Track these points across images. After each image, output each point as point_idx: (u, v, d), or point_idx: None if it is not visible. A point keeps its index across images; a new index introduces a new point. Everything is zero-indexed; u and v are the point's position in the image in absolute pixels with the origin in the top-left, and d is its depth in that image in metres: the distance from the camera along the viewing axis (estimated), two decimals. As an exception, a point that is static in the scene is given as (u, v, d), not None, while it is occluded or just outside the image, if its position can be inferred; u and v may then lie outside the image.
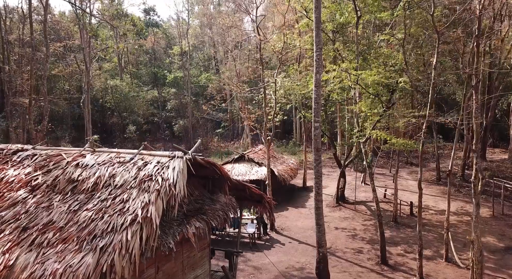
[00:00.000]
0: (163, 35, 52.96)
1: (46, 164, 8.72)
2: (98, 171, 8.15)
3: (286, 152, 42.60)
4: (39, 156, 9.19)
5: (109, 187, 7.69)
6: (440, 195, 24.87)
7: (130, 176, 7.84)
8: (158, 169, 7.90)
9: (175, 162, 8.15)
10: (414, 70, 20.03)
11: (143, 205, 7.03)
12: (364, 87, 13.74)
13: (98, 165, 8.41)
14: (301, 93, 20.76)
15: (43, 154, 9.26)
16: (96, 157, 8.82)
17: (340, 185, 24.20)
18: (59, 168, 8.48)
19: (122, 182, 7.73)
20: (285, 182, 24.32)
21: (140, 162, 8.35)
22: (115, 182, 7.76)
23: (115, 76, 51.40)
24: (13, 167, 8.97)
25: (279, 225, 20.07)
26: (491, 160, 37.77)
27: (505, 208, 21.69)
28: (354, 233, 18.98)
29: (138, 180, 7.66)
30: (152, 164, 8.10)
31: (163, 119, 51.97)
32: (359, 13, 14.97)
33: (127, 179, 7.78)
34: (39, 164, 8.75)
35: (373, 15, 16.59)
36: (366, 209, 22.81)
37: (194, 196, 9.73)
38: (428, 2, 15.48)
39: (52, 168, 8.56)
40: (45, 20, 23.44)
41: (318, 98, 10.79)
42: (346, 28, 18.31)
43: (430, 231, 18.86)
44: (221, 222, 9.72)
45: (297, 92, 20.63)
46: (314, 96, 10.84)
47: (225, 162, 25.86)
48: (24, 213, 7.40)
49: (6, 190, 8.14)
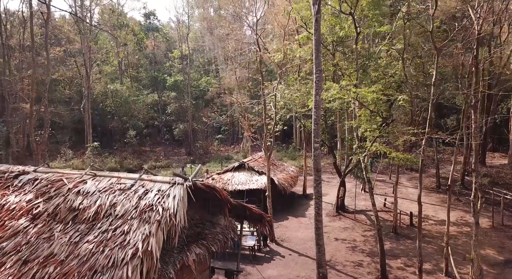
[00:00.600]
0: (163, 39, 53.02)
1: (47, 190, 8.75)
2: (99, 199, 8.18)
3: (286, 156, 42.66)
4: (41, 180, 9.23)
5: (110, 217, 7.73)
6: (440, 204, 24.89)
7: (131, 205, 7.87)
8: (158, 198, 7.93)
9: (175, 190, 8.20)
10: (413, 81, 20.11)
11: (143, 237, 7.06)
12: (363, 104, 13.76)
13: (99, 192, 8.44)
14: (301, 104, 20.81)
15: (44, 178, 9.29)
16: (97, 183, 8.85)
17: (340, 194, 24.22)
18: (60, 195, 8.51)
19: (123, 212, 7.76)
20: (285, 191, 24.32)
21: (141, 189, 8.39)
22: (116, 212, 7.79)
23: (115, 80, 51.46)
24: (15, 193, 9.01)
25: (279, 236, 20.10)
26: (490, 165, 37.78)
27: (505, 218, 21.70)
28: (354, 244, 19.01)
29: (139, 210, 7.69)
30: (152, 192, 8.13)
31: (163, 123, 52.05)
32: (359, 30, 14.99)
33: (128, 209, 7.81)
34: (40, 190, 8.79)
35: (372, 29, 16.60)
36: (366, 218, 22.85)
37: (194, 220, 9.76)
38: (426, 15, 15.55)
39: (53, 195, 8.59)
40: (46, 35, 23.30)
41: (318, 120, 10.81)
42: (346, 41, 18.32)
43: (430, 243, 18.89)
44: (221, 246, 9.75)
45: (297, 103, 20.65)
46: (314, 117, 10.86)
47: (225, 170, 25.87)
48: (25, 244, 7.44)
49: (7, 218, 8.17)
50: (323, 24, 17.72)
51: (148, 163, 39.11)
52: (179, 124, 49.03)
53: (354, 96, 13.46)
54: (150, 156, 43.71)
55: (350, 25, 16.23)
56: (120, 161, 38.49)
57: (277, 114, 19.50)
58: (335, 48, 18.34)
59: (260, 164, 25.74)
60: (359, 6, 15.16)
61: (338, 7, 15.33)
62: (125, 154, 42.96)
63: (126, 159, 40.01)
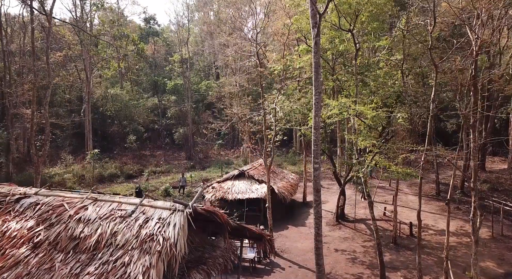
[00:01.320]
0: (163, 44, 53.12)
1: (48, 217, 8.80)
2: (100, 227, 8.23)
3: (286, 161, 42.72)
4: (42, 205, 9.27)
5: (111, 247, 7.77)
6: (440, 213, 24.94)
7: (132, 235, 7.92)
8: (159, 227, 7.98)
9: (175, 217, 8.25)
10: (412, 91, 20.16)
11: (144, 269, 7.12)
12: (363, 120, 13.81)
13: (100, 219, 8.49)
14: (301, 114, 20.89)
15: (45, 203, 9.33)
16: (97, 208, 8.89)
17: (340, 203, 24.27)
18: (62, 222, 8.56)
19: (124, 242, 7.80)
20: (285, 200, 24.38)
21: (142, 216, 8.44)
22: (116, 241, 7.84)
23: (115, 84, 51.51)
24: (16, 218, 9.05)
25: (279, 247, 20.15)
26: (490, 170, 37.84)
27: (504, 227, 21.75)
28: (354, 256, 19.06)
29: (139, 240, 7.74)
30: (153, 220, 8.19)
31: (163, 127, 52.10)
32: (358, 46, 15.03)
33: (128, 238, 7.86)
34: (41, 217, 8.83)
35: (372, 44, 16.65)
36: (366, 228, 22.89)
37: (194, 243, 9.82)
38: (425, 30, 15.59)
39: (55, 222, 8.64)
40: (47, 49, 23.38)
41: (317, 141, 10.84)
42: (345, 54, 18.37)
43: (430, 254, 18.94)
44: (222, 270, 9.81)
45: (297, 114, 20.73)
46: (313, 138, 10.89)
47: (225, 178, 25.94)
48: (26, 275, 7.48)
49: (8, 246, 8.22)
50: (323, 37, 17.77)
51: (148, 168, 39.14)
52: (179, 129, 49.11)
53: (354, 113, 13.51)
54: (150, 161, 43.74)
55: (350, 39, 16.28)
56: (120, 166, 38.52)
57: (277, 126, 19.54)
58: (335, 62, 18.38)
59: (260, 172, 25.80)
60: (358, 21, 15.20)
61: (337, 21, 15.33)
62: (125, 158, 43.01)
63: (126, 164, 40.04)
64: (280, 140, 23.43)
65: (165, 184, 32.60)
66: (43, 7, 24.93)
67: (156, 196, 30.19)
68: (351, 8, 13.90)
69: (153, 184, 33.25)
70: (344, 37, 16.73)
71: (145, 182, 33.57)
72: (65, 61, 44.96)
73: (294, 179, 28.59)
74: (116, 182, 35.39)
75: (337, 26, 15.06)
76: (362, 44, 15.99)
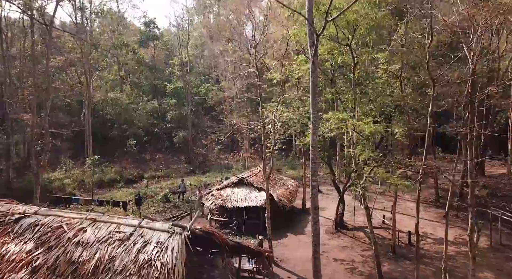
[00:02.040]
0: (163, 47, 53.23)
1: (47, 240, 8.87)
2: (98, 251, 8.29)
3: (286, 165, 42.77)
4: (41, 226, 9.33)
5: (109, 272, 7.84)
6: (439, 220, 24.97)
7: (130, 260, 7.99)
8: (157, 251, 8.04)
9: (174, 241, 8.33)
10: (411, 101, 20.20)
11: (142, 297, 7.18)
12: (361, 135, 13.87)
13: (98, 242, 8.55)
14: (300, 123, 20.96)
15: (44, 224, 9.40)
16: (96, 230, 8.96)
17: (339, 211, 24.32)
18: (60, 245, 8.63)
19: (122, 267, 7.87)
20: (284, 208, 24.41)
21: (140, 239, 8.50)
22: (114, 266, 7.90)
23: (115, 87, 51.52)
24: (15, 240, 9.11)
25: (278, 256, 20.19)
26: (490, 174, 37.85)
27: (503, 236, 21.78)
28: (353, 265, 19.10)
29: (137, 266, 7.81)
30: (151, 245, 8.25)
31: (163, 130, 52.16)
32: (356, 59, 15.09)
33: (126, 263, 7.93)
34: (40, 239, 8.90)
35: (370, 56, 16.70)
36: (365, 236, 22.93)
37: (193, 264, 9.86)
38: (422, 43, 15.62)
39: (53, 244, 8.71)
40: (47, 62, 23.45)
41: (315, 158, 10.89)
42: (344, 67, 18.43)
43: (428, 264, 18.98)
44: (220, 291, 9.89)
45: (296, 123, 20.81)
46: (311, 156, 10.94)
47: (224, 186, 25.97)
48: (26, 301, 7.55)
49: (7, 271, 8.28)
50: (322, 47, 17.80)
51: (148, 173, 39.23)
52: (179, 132, 49.17)
53: (352, 127, 13.57)
54: (150, 165, 43.80)
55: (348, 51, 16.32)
56: (120, 171, 38.61)
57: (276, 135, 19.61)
58: (334, 73, 18.43)
59: (259, 179, 25.79)
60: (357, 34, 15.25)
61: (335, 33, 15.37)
62: (125, 162, 43.05)
63: (126, 169, 40.13)
64: (280, 148, 23.53)
65: (164, 189, 32.67)
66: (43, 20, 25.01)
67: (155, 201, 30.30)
68: (349, 24, 13.95)
69: (153, 190, 33.32)
70: (342, 48, 16.77)
71: (145, 187, 33.62)
72: (65, 65, 44.99)
73: (294, 186, 28.64)
74: (116, 187, 35.47)
75: (336, 40, 15.10)
76: (360, 58, 16.03)
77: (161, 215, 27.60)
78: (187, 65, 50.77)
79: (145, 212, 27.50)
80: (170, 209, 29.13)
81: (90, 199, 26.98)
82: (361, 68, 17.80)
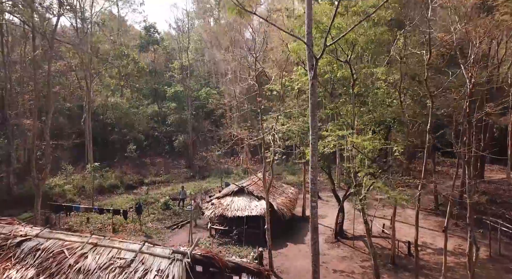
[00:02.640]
0: (163, 52, 53.34)
1: (48, 266, 8.94)
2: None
3: (286, 170, 42.85)
4: (42, 251, 9.41)
5: (110, 303, 7.91)
6: (438, 229, 25.03)
7: (131, 290, 8.06)
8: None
9: (174, 268, 8.41)
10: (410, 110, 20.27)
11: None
12: (360, 151, 13.96)
13: (100, 269, 8.63)
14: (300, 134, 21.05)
15: (46, 249, 9.47)
16: (97, 256, 9.04)
17: (339, 220, 24.40)
18: (62, 273, 8.70)
19: (123, 297, 7.94)
20: (284, 217, 24.48)
21: (140, 266, 8.58)
22: (116, 296, 7.98)
23: (115, 91, 51.59)
24: (16, 265, 9.19)
25: (278, 267, 20.29)
26: (489, 179, 37.85)
27: (502, 246, 21.82)
28: (353, 277, 19.18)
29: (138, 296, 7.88)
30: (152, 273, 8.33)
31: (163, 134, 52.26)
32: (355, 76, 15.16)
33: (127, 293, 8.00)
34: (41, 266, 8.97)
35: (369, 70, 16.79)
36: (365, 245, 23.00)
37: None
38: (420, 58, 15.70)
39: (55, 271, 8.78)
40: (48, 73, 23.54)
41: (315, 179, 10.99)
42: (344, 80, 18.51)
43: (428, 276, 19.05)
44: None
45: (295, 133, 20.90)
46: (311, 177, 11.04)
47: (224, 194, 26.04)
48: None
49: (9, 299, 8.36)
50: (321, 60, 17.87)
51: (148, 178, 39.31)
52: (179, 136, 49.26)
53: (351, 144, 13.65)
54: (150, 169, 43.90)
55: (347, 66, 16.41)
56: (120, 177, 38.70)
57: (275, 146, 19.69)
58: (333, 86, 18.51)
59: (259, 188, 25.84)
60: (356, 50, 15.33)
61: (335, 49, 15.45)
62: (126, 167, 43.15)
63: (127, 174, 40.22)
64: (280, 158, 23.58)
65: (164, 196, 32.78)
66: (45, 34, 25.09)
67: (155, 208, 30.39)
68: (347, 42, 14.02)
69: (153, 196, 33.42)
70: (342, 63, 16.84)
71: (145, 194, 33.71)
72: (66, 70, 45.05)
73: (294, 193, 28.72)
74: (116, 193, 35.57)
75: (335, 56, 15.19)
76: (360, 74, 16.11)
77: (161, 223, 27.72)
78: (187, 69, 50.84)
79: (145, 220, 27.62)
80: (170, 216, 29.23)
81: (90, 207, 27.05)
82: (361, 83, 17.85)
